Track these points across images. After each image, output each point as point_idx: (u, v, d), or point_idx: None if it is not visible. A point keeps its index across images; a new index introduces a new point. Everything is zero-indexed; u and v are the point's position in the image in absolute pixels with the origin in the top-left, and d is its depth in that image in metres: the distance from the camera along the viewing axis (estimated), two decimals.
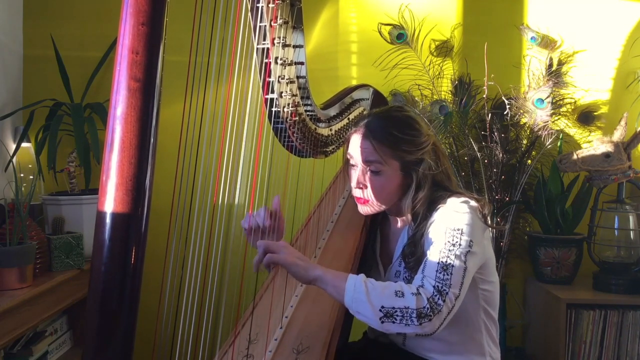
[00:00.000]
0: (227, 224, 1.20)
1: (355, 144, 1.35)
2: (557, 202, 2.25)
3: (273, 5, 1.16)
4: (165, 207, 0.98)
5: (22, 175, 2.00)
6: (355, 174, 1.36)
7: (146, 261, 0.74)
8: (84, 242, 1.98)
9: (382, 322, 1.11)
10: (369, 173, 1.34)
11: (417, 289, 1.14)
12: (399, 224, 1.44)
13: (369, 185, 1.34)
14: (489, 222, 1.32)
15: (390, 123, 1.34)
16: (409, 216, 1.36)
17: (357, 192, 1.38)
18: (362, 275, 1.17)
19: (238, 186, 1.18)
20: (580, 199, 2.29)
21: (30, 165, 2.19)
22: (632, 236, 2.21)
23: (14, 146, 2.23)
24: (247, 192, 1.21)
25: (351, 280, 1.15)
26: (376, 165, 1.32)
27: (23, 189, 1.84)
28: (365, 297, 1.12)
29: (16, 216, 1.72)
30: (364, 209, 1.40)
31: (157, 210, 0.86)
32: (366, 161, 1.33)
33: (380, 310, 1.11)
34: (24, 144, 2.21)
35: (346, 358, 1.34)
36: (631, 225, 2.21)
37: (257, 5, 1.15)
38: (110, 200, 0.71)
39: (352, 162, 1.38)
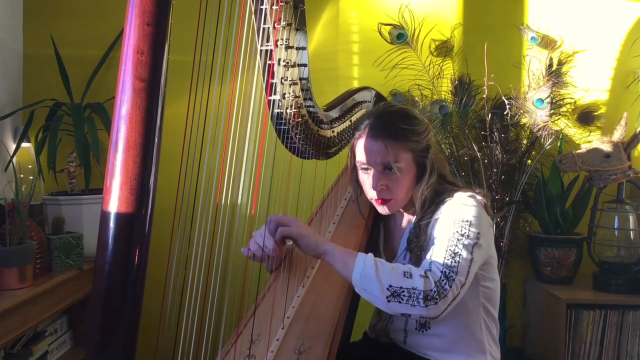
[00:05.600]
0: (230, 224, 1.20)
1: (365, 148, 1.35)
2: (557, 202, 2.25)
3: (277, 7, 1.16)
4: (169, 207, 0.98)
5: (22, 175, 2.00)
6: (371, 178, 1.35)
7: (149, 261, 0.74)
8: (84, 242, 1.98)
9: (389, 300, 1.12)
10: (386, 172, 1.34)
11: (425, 272, 1.15)
12: (405, 220, 1.44)
13: (389, 184, 1.35)
14: (492, 216, 1.35)
15: (393, 118, 1.36)
16: (418, 205, 1.36)
17: (377, 194, 1.36)
18: (371, 254, 1.18)
19: (241, 186, 1.18)
20: (580, 199, 2.30)
21: (30, 166, 2.19)
22: (632, 236, 2.22)
23: (14, 146, 2.23)
24: (250, 192, 1.21)
25: (361, 257, 1.16)
26: (392, 163, 1.32)
27: (23, 189, 1.83)
28: (374, 274, 1.12)
29: (16, 216, 1.71)
30: (386, 209, 1.39)
31: (160, 210, 0.85)
32: (382, 163, 1.33)
33: (387, 289, 1.12)
34: (24, 144, 2.20)
35: (347, 358, 1.34)
36: (631, 225, 2.21)
37: (261, 7, 1.16)
38: (115, 200, 0.71)
39: (363, 167, 1.37)
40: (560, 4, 2.44)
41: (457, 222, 1.24)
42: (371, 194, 1.38)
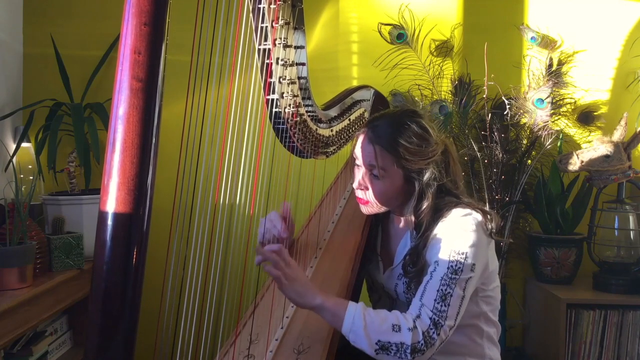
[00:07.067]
0: (228, 224, 1.20)
1: (360, 145, 1.35)
2: (557, 202, 2.25)
3: (274, 6, 1.16)
4: (167, 207, 0.98)
5: (22, 175, 2.00)
6: (358, 174, 1.36)
7: (147, 261, 0.74)
8: (84, 242, 1.98)
9: (377, 353, 1.15)
10: (370, 176, 1.34)
11: (414, 322, 1.15)
12: (402, 224, 1.43)
13: (369, 187, 1.34)
14: (493, 234, 1.31)
15: (398, 130, 1.30)
16: (412, 220, 1.35)
17: (358, 193, 1.38)
18: (361, 305, 1.18)
19: (239, 186, 1.18)
20: (580, 199, 2.30)
21: (30, 166, 2.19)
22: (632, 236, 2.22)
23: (14, 146, 2.23)
24: (249, 191, 1.21)
25: (350, 310, 1.16)
26: (377, 170, 1.31)
27: (23, 189, 1.83)
28: (363, 331, 1.14)
29: (16, 216, 1.71)
30: (364, 209, 1.41)
31: (158, 210, 0.85)
32: (369, 165, 1.33)
33: (376, 344, 1.14)
34: (24, 144, 2.20)
35: (347, 358, 1.33)
36: (631, 225, 2.21)
37: (259, 6, 1.16)
38: (112, 200, 0.71)
39: (357, 162, 1.38)
40: (560, 4, 2.43)
41: (453, 254, 1.22)
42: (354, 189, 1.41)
